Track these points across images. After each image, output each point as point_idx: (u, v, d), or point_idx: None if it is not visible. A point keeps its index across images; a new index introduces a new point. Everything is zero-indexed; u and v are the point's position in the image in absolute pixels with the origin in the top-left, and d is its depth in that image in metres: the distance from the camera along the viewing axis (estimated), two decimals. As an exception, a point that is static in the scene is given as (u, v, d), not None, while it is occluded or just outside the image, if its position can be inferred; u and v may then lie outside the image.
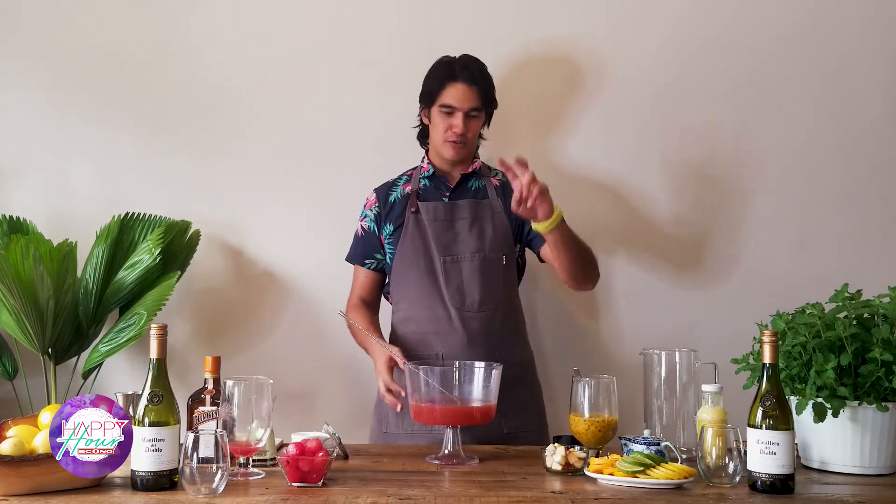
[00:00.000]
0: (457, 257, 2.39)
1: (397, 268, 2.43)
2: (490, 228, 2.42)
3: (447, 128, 2.41)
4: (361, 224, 2.52)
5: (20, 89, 2.84)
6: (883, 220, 2.81)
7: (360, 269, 2.51)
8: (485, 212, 2.44)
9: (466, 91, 2.39)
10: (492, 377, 2.00)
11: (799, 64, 2.81)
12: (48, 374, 2.59)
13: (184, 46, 2.83)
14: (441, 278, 2.38)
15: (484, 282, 2.38)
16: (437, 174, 2.49)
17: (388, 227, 2.46)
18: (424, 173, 2.50)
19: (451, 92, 2.40)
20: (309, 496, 1.65)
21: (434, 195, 2.47)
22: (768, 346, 1.74)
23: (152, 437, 1.65)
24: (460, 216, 2.43)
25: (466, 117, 2.40)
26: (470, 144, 2.45)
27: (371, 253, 2.49)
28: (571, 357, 2.72)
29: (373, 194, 2.53)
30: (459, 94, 2.39)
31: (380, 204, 2.50)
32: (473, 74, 2.41)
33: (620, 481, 1.74)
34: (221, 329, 2.82)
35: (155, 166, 2.82)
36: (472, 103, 2.39)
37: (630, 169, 2.81)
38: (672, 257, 2.81)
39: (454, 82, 2.40)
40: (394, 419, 2.38)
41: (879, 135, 2.81)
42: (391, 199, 2.49)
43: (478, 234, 2.41)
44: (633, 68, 2.81)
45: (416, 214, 2.43)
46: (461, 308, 2.36)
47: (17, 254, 2.35)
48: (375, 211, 2.49)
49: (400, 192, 2.49)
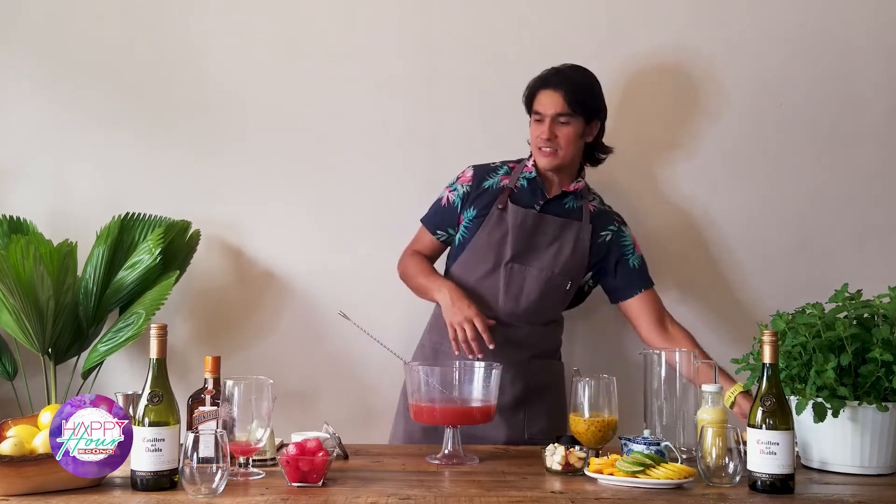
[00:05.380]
0: (525, 267, 2.37)
1: (465, 256, 2.42)
2: (568, 251, 2.39)
3: (537, 135, 2.39)
4: (448, 194, 2.48)
5: (20, 89, 2.83)
6: (883, 220, 2.81)
7: (426, 232, 2.51)
8: (570, 234, 2.41)
9: (552, 96, 2.36)
10: (492, 377, 2.00)
11: (799, 64, 2.81)
12: (48, 374, 2.59)
13: (184, 46, 2.83)
14: (502, 282, 2.36)
15: (541, 300, 2.37)
16: (538, 179, 2.44)
17: (471, 211, 2.43)
18: (526, 173, 2.45)
19: (540, 99, 2.39)
20: (309, 496, 1.65)
21: (528, 199, 2.43)
22: (768, 346, 1.74)
23: (152, 437, 1.65)
24: (545, 231, 2.40)
25: (555, 123, 2.36)
26: (564, 153, 2.38)
27: (445, 226, 2.48)
28: (571, 357, 2.72)
29: (470, 170, 2.49)
30: (546, 101, 2.37)
31: (473, 184, 2.46)
32: (562, 80, 2.38)
33: (620, 481, 1.74)
34: (221, 329, 2.82)
35: (155, 166, 2.82)
36: (557, 108, 2.35)
37: (630, 169, 2.81)
38: (672, 257, 2.81)
39: (543, 89, 2.39)
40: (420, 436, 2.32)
41: (880, 135, 2.81)
42: (485, 185, 2.45)
43: (555, 253, 2.38)
44: (633, 69, 2.81)
45: (502, 211, 2.40)
46: (510, 315, 2.36)
47: (18, 254, 2.35)
48: (466, 188, 2.45)
49: (497, 181, 2.45)
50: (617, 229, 2.46)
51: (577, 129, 2.38)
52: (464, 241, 2.43)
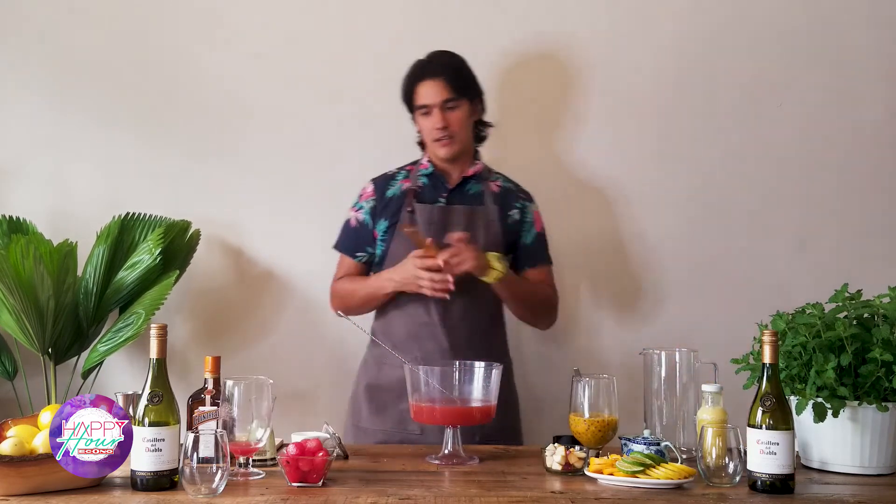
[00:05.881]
0: None
1: (387, 266, 2.39)
2: (482, 237, 2.36)
3: (430, 128, 2.38)
4: (355, 214, 2.47)
5: (21, 89, 2.84)
6: (883, 220, 2.81)
7: (346, 258, 2.48)
8: (479, 220, 2.40)
9: (433, 85, 2.36)
10: (492, 377, 2.00)
11: (799, 64, 2.81)
12: (48, 373, 2.59)
13: (184, 47, 2.83)
14: None
15: (472, 291, 2.32)
16: (437, 173, 2.46)
17: (383, 223, 2.42)
18: (423, 171, 2.46)
19: (421, 91, 2.38)
20: (309, 496, 1.65)
21: (432, 195, 2.43)
22: (768, 346, 1.74)
23: (152, 437, 1.65)
24: (454, 222, 2.37)
25: (443, 111, 2.36)
26: (460, 138, 2.40)
27: (363, 246, 2.46)
28: (571, 357, 2.71)
29: (370, 185, 2.48)
30: (429, 91, 2.36)
31: (377, 197, 2.45)
32: (438, 67, 2.38)
33: (620, 481, 1.74)
34: (221, 329, 2.82)
35: (155, 166, 2.82)
36: (443, 95, 2.35)
37: (630, 169, 2.81)
38: (672, 257, 2.81)
39: (421, 81, 2.38)
40: (366, 414, 2.37)
41: (879, 134, 2.82)
42: (388, 195, 2.45)
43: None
44: (634, 68, 2.81)
45: (411, 213, 2.39)
46: (445, 315, 2.34)
47: (18, 254, 2.35)
48: (372, 203, 2.45)
49: (398, 187, 2.45)
50: (522, 206, 2.46)
51: (465, 112, 2.39)
52: (384, 254, 2.42)
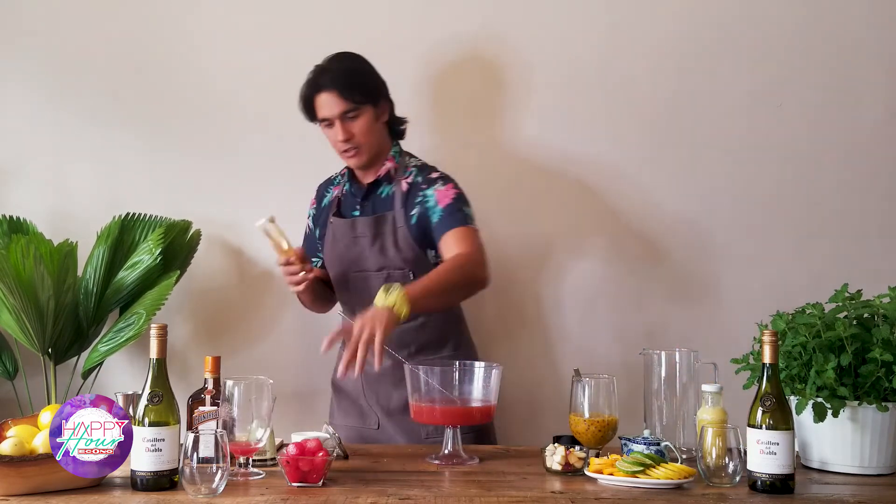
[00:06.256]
0: (362, 274, 2.33)
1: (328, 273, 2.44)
2: (391, 244, 2.29)
3: (334, 140, 2.30)
4: (308, 222, 2.52)
5: (20, 89, 2.84)
6: (883, 220, 2.81)
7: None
8: (386, 227, 2.30)
9: (329, 98, 2.25)
10: (492, 377, 2.00)
11: (799, 64, 2.81)
12: (48, 374, 2.59)
13: (184, 47, 2.83)
14: (353, 291, 2.36)
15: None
16: (353, 179, 2.41)
17: (318, 231, 2.47)
18: (344, 177, 2.43)
19: (319, 104, 2.28)
20: (309, 496, 1.65)
21: (350, 203, 2.40)
22: (768, 346, 1.74)
23: (152, 437, 1.65)
24: (361, 234, 2.32)
25: (344, 122, 2.26)
26: (368, 146, 2.30)
27: (314, 251, 2.48)
28: (571, 357, 2.71)
29: (315, 192, 2.51)
30: (325, 104, 2.26)
31: (317, 204, 2.50)
32: (330, 77, 2.26)
33: (620, 481, 1.74)
34: (221, 329, 2.82)
35: (155, 166, 2.82)
36: (341, 107, 2.24)
37: (630, 169, 2.81)
38: (672, 257, 2.81)
39: (317, 94, 2.27)
40: (335, 411, 2.42)
41: (880, 134, 2.81)
42: (324, 202, 2.47)
43: (379, 250, 2.30)
44: (636, 69, 2.81)
45: (333, 225, 2.40)
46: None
47: (18, 254, 2.35)
48: (313, 211, 2.50)
49: (331, 194, 2.46)
50: (423, 198, 2.29)
51: (369, 118, 2.28)
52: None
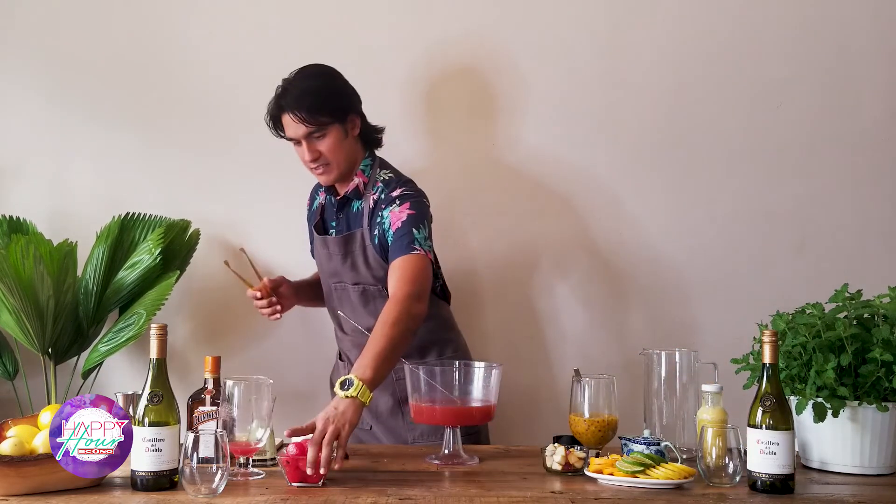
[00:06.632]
0: (342, 284, 2.35)
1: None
2: (361, 261, 2.29)
3: (303, 159, 2.27)
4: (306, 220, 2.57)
5: (20, 89, 2.83)
6: (883, 219, 2.81)
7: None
8: (355, 246, 2.29)
9: (292, 121, 2.20)
10: (492, 377, 2.00)
11: (799, 64, 2.81)
12: (48, 374, 2.59)
13: (183, 46, 2.83)
14: (335, 301, 2.38)
15: (373, 308, 2.27)
16: (331, 190, 2.38)
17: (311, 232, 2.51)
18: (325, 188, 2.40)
19: (285, 125, 2.24)
20: (309, 496, 1.65)
21: (330, 214, 2.41)
22: (768, 346, 1.74)
23: (152, 437, 1.65)
24: (335, 252, 2.32)
25: (311, 141, 2.21)
26: (337, 164, 2.26)
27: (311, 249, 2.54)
28: (571, 357, 2.71)
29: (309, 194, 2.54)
30: (290, 125, 2.21)
31: (309, 206, 2.54)
32: (293, 99, 2.20)
33: (620, 481, 1.74)
34: (221, 329, 2.82)
35: (155, 166, 2.82)
36: (304, 130, 2.19)
37: (630, 169, 2.81)
38: (672, 257, 2.81)
39: (283, 114, 2.23)
40: None
41: (880, 134, 2.81)
42: (314, 205, 2.49)
43: (351, 266, 2.31)
44: (633, 76, 2.81)
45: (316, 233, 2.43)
46: (355, 330, 2.33)
47: (18, 254, 2.35)
48: (307, 212, 2.54)
49: (319, 199, 2.48)
50: (380, 219, 2.23)
51: (337, 135, 2.22)
52: None
